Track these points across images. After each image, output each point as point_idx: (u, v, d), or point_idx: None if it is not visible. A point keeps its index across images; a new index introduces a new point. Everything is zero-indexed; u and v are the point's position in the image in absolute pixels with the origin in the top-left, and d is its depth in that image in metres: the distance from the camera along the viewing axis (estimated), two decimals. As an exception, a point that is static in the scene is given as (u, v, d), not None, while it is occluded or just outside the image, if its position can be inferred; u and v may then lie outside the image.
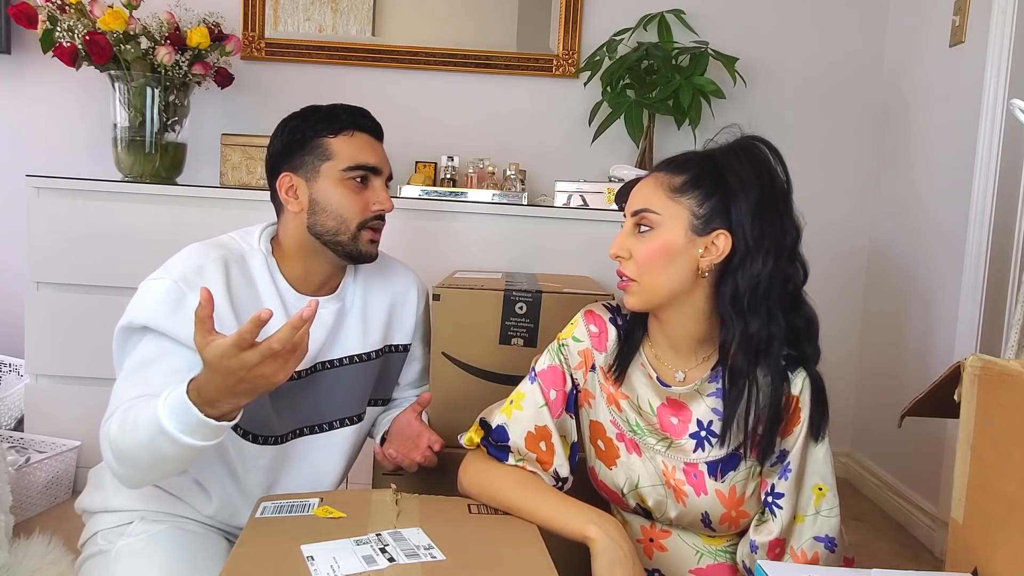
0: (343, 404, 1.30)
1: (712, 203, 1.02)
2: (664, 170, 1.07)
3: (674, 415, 1.09)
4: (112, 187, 2.12)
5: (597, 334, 1.14)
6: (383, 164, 1.25)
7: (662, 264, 1.03)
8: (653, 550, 1.14)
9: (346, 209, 1.20)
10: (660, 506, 1.08)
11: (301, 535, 0.96)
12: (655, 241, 1.03)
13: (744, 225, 1.00)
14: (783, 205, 1.03)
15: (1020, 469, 0.86)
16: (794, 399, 1.06)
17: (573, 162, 2.60)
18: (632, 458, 1.09)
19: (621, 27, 2.50)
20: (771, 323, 1.01)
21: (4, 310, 2.55)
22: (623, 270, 1.07)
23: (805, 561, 1.05)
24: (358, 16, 2.58)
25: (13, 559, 1.37)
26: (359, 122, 1.24)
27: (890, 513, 2.35)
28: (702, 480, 1.06)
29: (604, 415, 1.12)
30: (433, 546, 0.95)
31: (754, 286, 1.00)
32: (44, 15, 2.13)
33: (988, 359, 0.94)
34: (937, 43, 2.28)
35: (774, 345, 1.02)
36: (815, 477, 1.07)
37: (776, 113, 2.59)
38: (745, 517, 1.07)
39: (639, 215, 1.05)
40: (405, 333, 1.38)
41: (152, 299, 1.10)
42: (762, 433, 1.03)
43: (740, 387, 1.02)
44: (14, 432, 2.19)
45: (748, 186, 1.01)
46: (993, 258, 1.97)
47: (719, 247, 1.02)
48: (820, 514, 1.06)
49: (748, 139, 1.06)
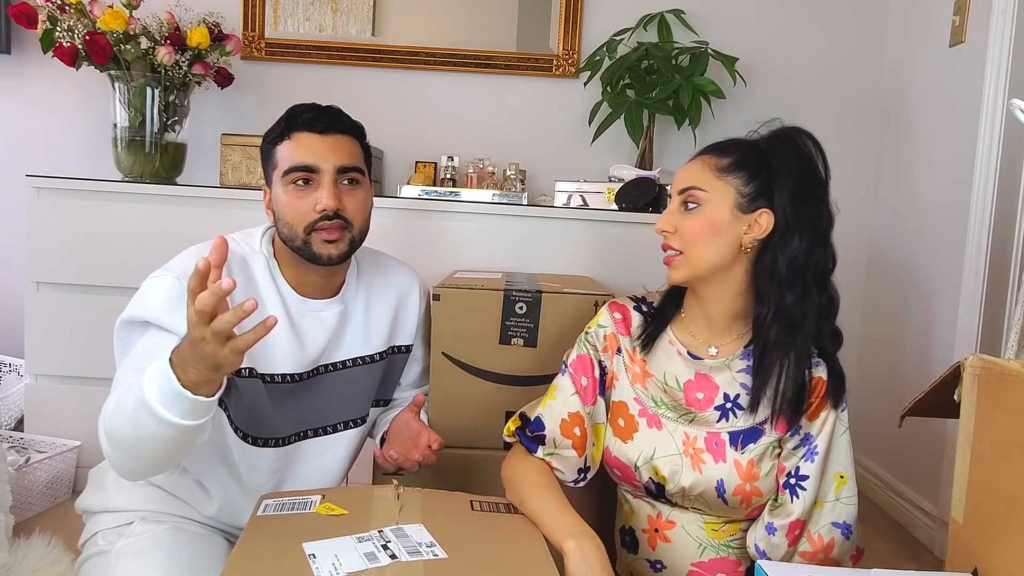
0: (346, 407, 1.30)
1: (757, 183, 1.08)
2: (710, 152, 1.13)
3: (700, 390, 1.13)
4: (112, 187, 2.12)
5: (621, 320, 1.19)
6: (324, 160, 1.16)
7: (708, 239, 1.08)
8: (657, 541, 1.16)
9: (289, 215, 1.17)
10: (675, 475, 1.10)
11: (303, 533, 0.96)
12: (702, 217, 1.09)
13: (785, 205, 1.07)
14: (821, 192, 1.10)
15: (1020, 469, 0.86)
16: (819, 381, 1.10)
17: (573, 162, 2.60)
18: (652, 431, 1.13)
19: (621, 27, 2.50)
20: (806, 298, 1.07)
21: (4, 310, 2.55)
22: (669, 243, 1.12)
23: (821, 545, 1.08)
24: (358, 16, 2.58)
25: (13, 559, 1.37)
26: (296, 122, 1.18)
27: (890, 513, 2.35)
28: (723, 448, 1.10)
29: (628, 394, 1.16)
30: (435, 543, 0.95)
31: (791, 260, 1.06)
32: (44, 15, 2.13)
33: (988, 359, 0.94)
34: (937, 43, 2.28)
35: (808, 318, 1.07)
36: (837, 465, 1.10)
37: (776, 113, 2.57)
38: (758, 495, 1.09)
39: (687, 192, 1.11)
40: (408, 334, 1.38)
41: (155, 295, 1.10)
42: (789, 407, 1.07)
43: (772, 359, 1.07)
44: (14, 432, 2.19)
45: (790, 169, 1.08)
46: (993, 258, 1.97)
47: (762, 224, 1.07)
48: (840, 501, 1.09)
49: (791, 129, 1.13)
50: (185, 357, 0.88)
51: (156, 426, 0.90)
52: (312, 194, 1.17)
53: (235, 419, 1.18)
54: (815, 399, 1.09)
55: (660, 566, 1.16)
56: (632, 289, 1.29)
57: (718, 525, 1.14)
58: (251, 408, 1.17)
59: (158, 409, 0.89)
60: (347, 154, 1.20)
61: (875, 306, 2.60)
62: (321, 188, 1.17)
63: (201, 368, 0.88)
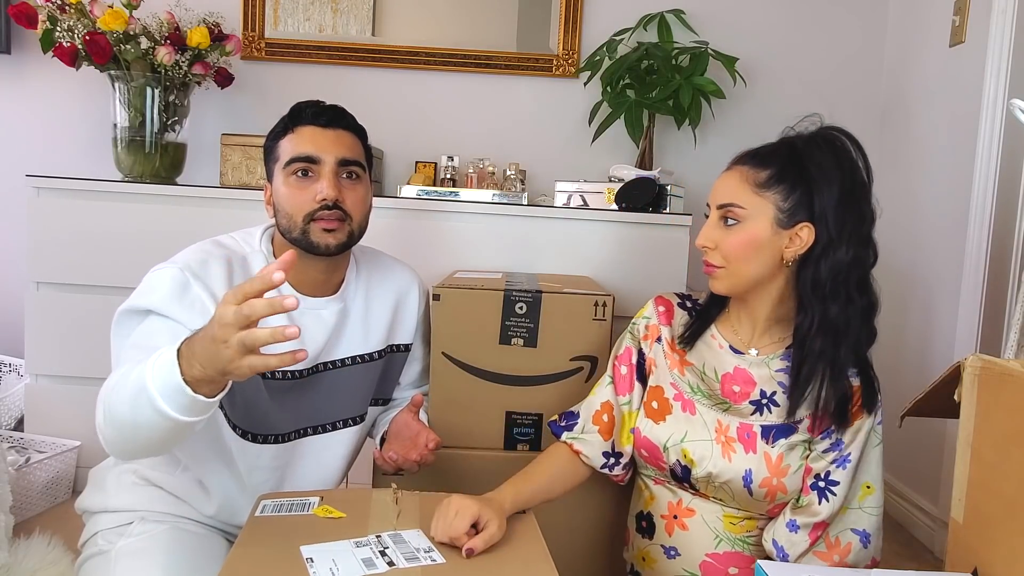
0: (345, 405, 1.30)
1: (796, 196, 1.07)
2: (748, 164, 1.11)
3: (737, 383, 1.15)
4: (112, 187, 2.12)
5: (664, 312, 1.24)
6: (325, 151, 1.18)
7: (749, 255, 1.09)
8: (675, 527, 1.18)
9: (289, 204, 1.19)
10: (703, 460, 1.12)
11: (300, 535, 0.96)
12: (742, 234, 1.09)
13: (827, 217, 1.06)
14: (863, 192, 1.09)
15: (1020, 469, 0.86)
16: (855, 389, 1.11)
17: (573, 162, 2.60)
18: (686, 415, 1.16)
19: (621, 27, 2.50)
20: (849, 306, 1.07)
21: (4, 310, 2.55)
22: (709, 259, 1.13)
23: (838, 549, 1.10)
24: (358, 16, 2.58)
25: (13, 559, 1.37)
26: (300, 117, 1.21)
27: (890, 513, 2.34)
28: (754, 440, 1.11)
29: (665, 379, 1.20)
30: (433, 548, 0.95)
31: (835, 274, 1.06)
32: (44, 15, 2.13)
33: (988, 359, 0.94)
34: (937, 43, 2.28)
35: (852, 326, 1.08)
36: (866, 475, 1.12)
37: (776, 113, 2.58)
38: (783, 492, 1.10)
39: (726, 208, 1.11)
40: (407, 333, 1.38)
41: (158, 285, 1.10)
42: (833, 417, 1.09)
43: (813, 368, 1.08)
44: (14, 432, 2.19)
45: (831, 178, 1.06)
46: (993, 258, 1.97)
47: (803, 239, 1.08)
48: (863, 509, 1.11)
49: (829, 129, 1.12)
50: (196, 351, 0.86)
51: (153, 415, 0.89)
52: (312, 185, 1.18)
53: (233, 416, 1.18)
54: (852, 407, 1.10)
55: (674, 553, 1.18)
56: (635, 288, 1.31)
57: (737, 519, 1.15)
58: (250, 405, 1.18)
59: (157, 399, 0.87)
60: (348, 148, 1.22)
61: (875, 306, 2.59)
62: (322, 179, 1.18)
63: (208, 368, 0.86)
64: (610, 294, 1.42)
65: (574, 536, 1.37)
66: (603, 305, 1.40)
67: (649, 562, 1.21)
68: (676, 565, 1.17)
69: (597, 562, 1.39)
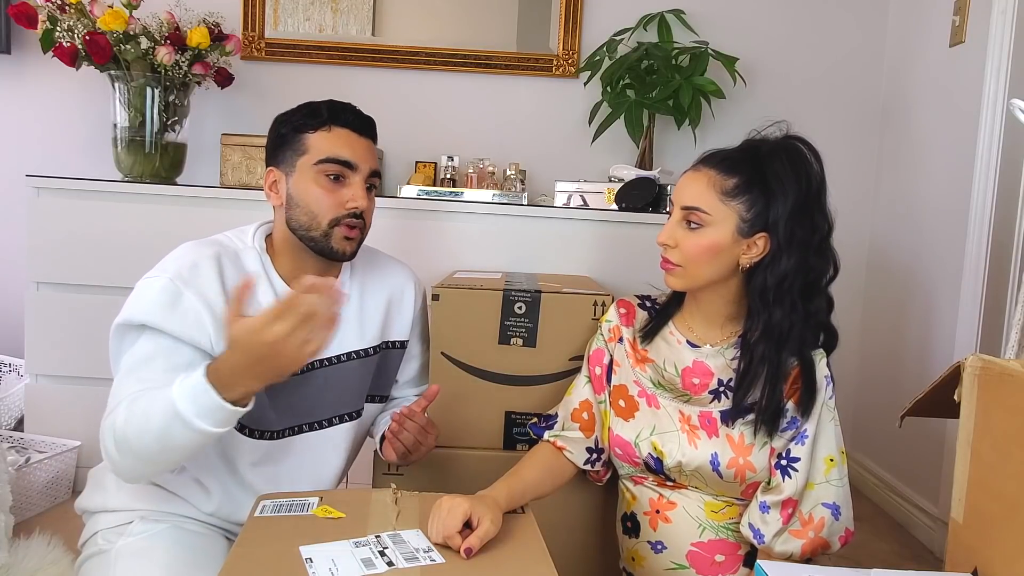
0: (341, 400, 1.30)
1: (757, 208, 1.12)
2: (716, 169, 1.15)
3: (696, 376, 1.20)
4: (112, 187, 2.12)
5: (625, 314, 1.29)
6: (362, 160, 1.21)
7: (708, 259, 1.14)
8: (658, 522, 1.21)
9: (316, 204, 1.19)
10: (672, 450, 1.16)
11: (300, 536, 0.96)
12: (703, 239, 1.14)
13: (779, 226, 1.12)
14: (816, 204, 1.14)
15: (1020, 469, 0.86)
16: (794, 376, 1.15)
17: (573, 162, 2.60)
18: (651, 410, 1.21)
19: (621, 27, 2.50)
20: (792, 312, 1.13)
21: (4, 310, 2.55)
22: (669, 257, 1.18)
23: (811, 524, 1.12)
24: (358, 16, 2.58)
25: (13, 559, 1.37)
26: (339, 117, 1.21)
27: (890, 513, 2.34)
28: (715, 425, 1.16)
29: (628, 377, 1.24)
30: (432, 548, 0.95)
31: (780, 281, 1.12)
32: (44, 15, 2.13)
33: (988, 359, 0.94)
34: (937, 43, 2.28)
35: (794, 331, 1.13)
36: (826, 449, 1.14)
37: (776, 113, 2.56)
38: (751, 470, 1.13)
39: (690, 211, 1.14)
40: (403, 329, 1.38)
41: (149, 297, 1.10)
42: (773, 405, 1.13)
43: (757, 371, 1.13)
44: (14, 432, 2.19)
45: (787, 191, 1.12)
46: (993, 258, 1.97)
47: (759, 247, 1.14)
48: (829, 482, 1.14)
49: (791, 140, 1.16)
50: (238, 374, 0.94)
51: (187, 436, 0.96)
52: (342, 190, 1.20)
53: None
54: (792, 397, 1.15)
55: (661, 547, 1.20)
56: (634, 288, 1.33)
57: (718, 507, 1.18)
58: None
59: (195, 421, 0.94)
60: (375, 159, 1.26)
61: (875, 306, 2.60)
62: (353, 186, 1.21)
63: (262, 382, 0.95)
64: (609, 294, 1.42)
65: (573, 536, 1.37)
66: (602, 305, 1.40)
67: (639, 560, 1.23)
68: (664, 559, 1.20)
69: (596, 562, 1.39)
